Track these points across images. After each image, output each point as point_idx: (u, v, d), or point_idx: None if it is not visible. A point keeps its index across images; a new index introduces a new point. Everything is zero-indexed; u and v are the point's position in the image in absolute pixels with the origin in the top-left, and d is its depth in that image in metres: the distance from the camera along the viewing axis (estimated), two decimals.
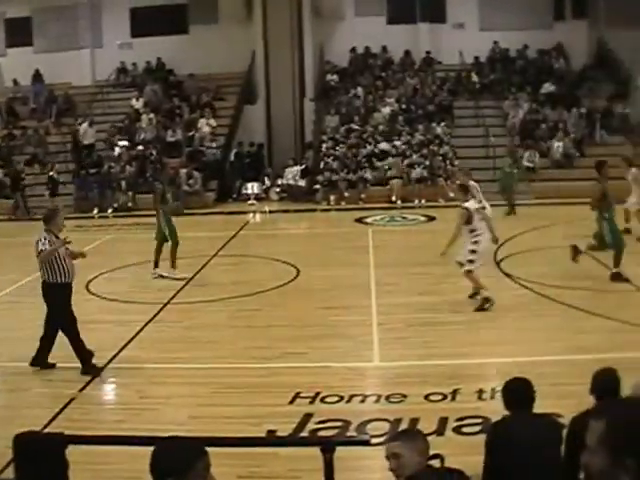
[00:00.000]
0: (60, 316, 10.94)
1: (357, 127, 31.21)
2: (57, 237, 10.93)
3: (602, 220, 15.30)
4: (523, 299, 14.25)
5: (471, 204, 14.04)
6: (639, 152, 26.58)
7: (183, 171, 28.55)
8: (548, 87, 32.46)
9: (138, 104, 32.84)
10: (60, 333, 10.99)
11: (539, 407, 6.20)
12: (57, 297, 10.88)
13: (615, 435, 2.71)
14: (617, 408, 2.94)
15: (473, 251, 13.77)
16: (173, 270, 16.75)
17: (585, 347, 11.06)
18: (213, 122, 31.39)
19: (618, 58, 32.64)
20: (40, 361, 11.03)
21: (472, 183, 17.45)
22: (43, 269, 10.86)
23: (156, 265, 16.90)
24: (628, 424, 2.74)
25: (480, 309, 13.53)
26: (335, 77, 34.20)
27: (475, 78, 33.23)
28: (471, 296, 14.20)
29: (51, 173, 28.47)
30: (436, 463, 5.34)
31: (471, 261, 13.78)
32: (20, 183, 28.42)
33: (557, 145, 29.29)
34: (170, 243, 16.89)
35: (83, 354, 10.92)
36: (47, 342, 11.03)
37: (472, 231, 13.83)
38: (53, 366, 11.07)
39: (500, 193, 24.62)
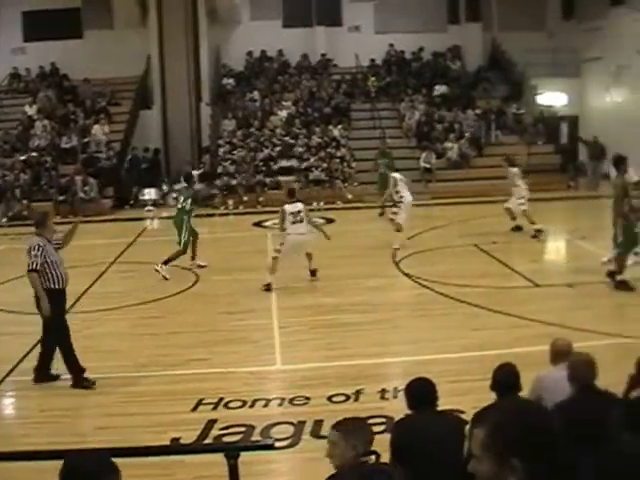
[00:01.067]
0: (54, 324, 10.56)
1: (254, 131, 31.16)
2: (49, 241, 10.63)
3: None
4: (423, 298, 14.47)
5: (288, 206, 15.48)
6: (532, 151, 27.36)
7: (78, 178, 28.06)
8: (440, 89, 33.00)
9: (32, 110, 32.02)
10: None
11: (441, 404, 6.30)
12: (50, 304, 10.46)
13: (497, 439, 2.75)
14: (498, 412, 2.96)
15: (282, 243, 15.56)
16: (163, 266, 16.79)
17: (485, 343, 11.30)
18: (107, 128, 30.95)
19: (511, 60, 33.48)
20: (43, 376, 10.69)
21: (397, 175, 18.99)
22: None
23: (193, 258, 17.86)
24: (511, 426, 2.78)
25: (266, 289, 15.27)
26: (231, 81, 34.09)
27: (372, 89, 33.50)
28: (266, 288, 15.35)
29: None
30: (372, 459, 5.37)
31: (278, 250, 15.53)
32: None
33: (453, 146, 29.77)
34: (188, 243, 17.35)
35: (75, 368, 10.63)
36: (50, 355, 10.75)
37: (283, 230, 15.51)
38: (56, 378, 10.75)
39: (379, 194, 24.04)
